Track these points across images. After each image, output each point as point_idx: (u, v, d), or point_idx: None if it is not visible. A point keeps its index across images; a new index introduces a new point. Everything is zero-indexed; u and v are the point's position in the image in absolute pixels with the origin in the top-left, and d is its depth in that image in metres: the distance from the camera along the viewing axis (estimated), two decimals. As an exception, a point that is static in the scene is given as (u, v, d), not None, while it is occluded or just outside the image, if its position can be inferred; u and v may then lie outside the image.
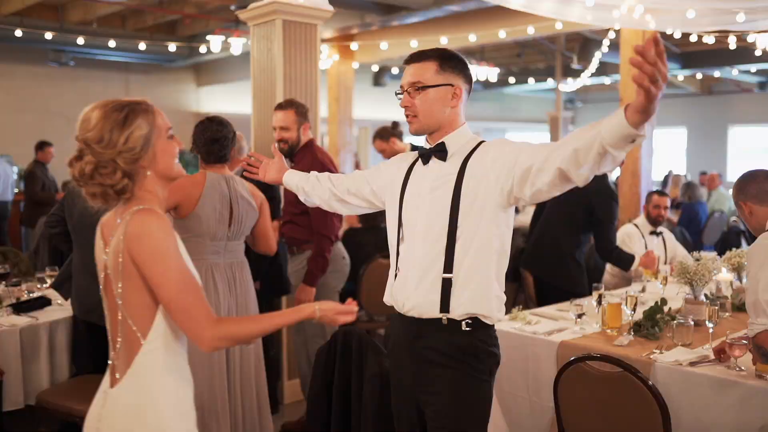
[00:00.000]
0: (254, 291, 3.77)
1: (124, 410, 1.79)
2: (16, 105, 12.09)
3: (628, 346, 3.32)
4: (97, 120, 1.77)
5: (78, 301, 3.88)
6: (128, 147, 1.78)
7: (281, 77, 4.73)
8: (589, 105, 20.91)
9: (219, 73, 13.60)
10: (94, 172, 1.79)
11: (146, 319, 1.79)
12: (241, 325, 1.84)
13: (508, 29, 8.64)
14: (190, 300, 1.74)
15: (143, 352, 1.78)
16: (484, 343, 2.30)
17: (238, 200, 3.58)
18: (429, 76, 2.29)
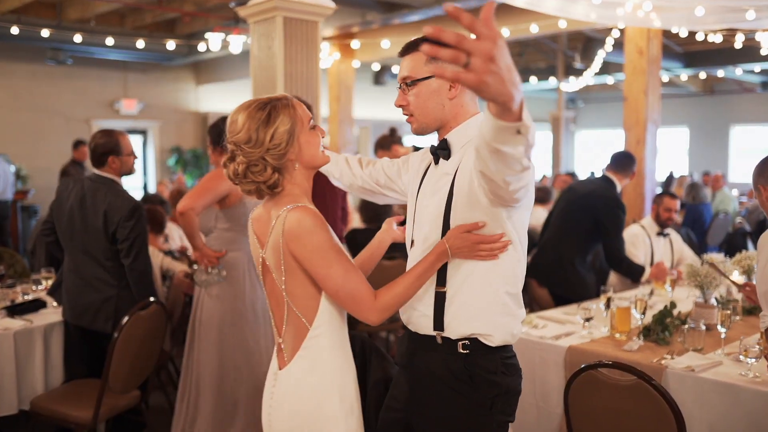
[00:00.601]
0: None
1: (293, 388, 1.93)
2: (13, 103, 11.99)
3: (637, 351, 3.24)
4: (243, 122, 1.88)
5: (68, 305, 3.81)
6: (274, 143, 1.87)
7: (282, 75, 4.65)
8: (592, 105, 20.83)
9: (218, 71, 13.51)
10: (247, 171, 1.89)
11: (311, 308, 1.92)
12: (394, 291, 1.90)
13: (510, 27, 8.55)
14: (353, 286, 1.86)
15: (310, 337, 1.92)
16: (483, 370, 1.97)
17: None
18: (418, 68, 1.98)
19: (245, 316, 3.77)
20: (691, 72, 13.93)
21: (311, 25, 4.79)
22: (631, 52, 7.36)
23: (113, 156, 3.77)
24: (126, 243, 3.66)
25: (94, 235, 3.69)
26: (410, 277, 1.92)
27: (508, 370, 2.02)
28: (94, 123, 13.03)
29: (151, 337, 3.66)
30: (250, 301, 3.77)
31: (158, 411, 4.69)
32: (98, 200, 3.70)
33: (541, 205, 7.41)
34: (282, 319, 1.96)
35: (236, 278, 3.78)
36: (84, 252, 3.73)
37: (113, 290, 3.72)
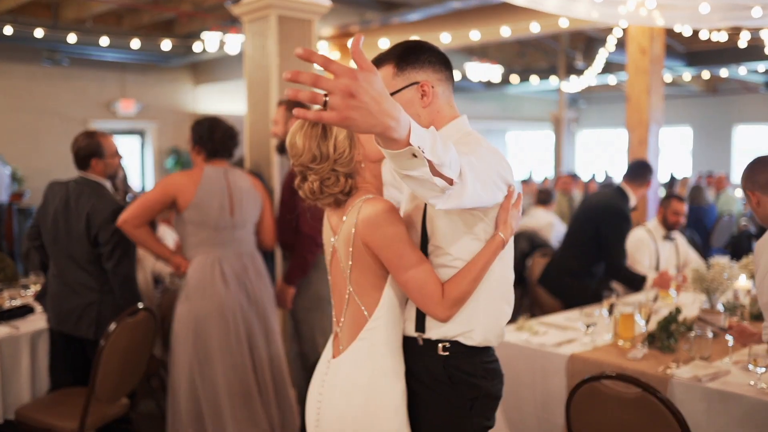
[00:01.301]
0: (269, 281, 3.89)
1: (345, 376, 1.95)
2: (9, 104, 11.88)
3: (642, 359, 3.13)
4: (302, 143, 1.93)
5: (52, 311, 3.73)
6: (339, 152, 1.92)
7: (276, 75, 4.53)
8: (594, 105, 20.71)
9: (216, 72, 13.40)
10: (322, 187, 1.95)
11: (373, 298, 1.95)
12: (458, 285, 1.88)
13: (511, 26, 8.45)
14: (424, 277, 1.87)
15: (368, 328, 1.95)
16: (462, 372, 1.93)
17: (238, 188, 3.72)
18: (387, 83, 1.89)
19: (211, 319, 3.63)
20: (694, 71, 13.81)
21: (306, 24, 4.68)
22: (634, 51, 7.24)
23: (96, 158, 3.69)
24: (108, 246, 3.58)
25: (77, 238, 3.61)
26: (476, 270, 1.88)
27: (488, 374, 1.98)
28: (91, 124, 12.92)
29: (140, 344, 3.55)
30: (218, 304, 3.64)
31: (150, 418, 4.59)
32: (81, 203, 3.62)
33: (543, 206, 7.30)
34: (342, 307, 1.99)
35: (201, 281, 3.66)
36: (68, 256, 3.64)
37: (95, 295, 3.62)
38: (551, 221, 7.10)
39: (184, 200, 3.61)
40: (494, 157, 1.80)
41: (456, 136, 1.95)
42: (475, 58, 12.80)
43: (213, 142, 3.70)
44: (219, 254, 3.66)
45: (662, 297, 4.32)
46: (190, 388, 3.67)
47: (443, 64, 1.98)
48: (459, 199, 1.55)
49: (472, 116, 2.15)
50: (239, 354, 3.67)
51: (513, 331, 3.63)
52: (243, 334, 3.69)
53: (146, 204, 3.56)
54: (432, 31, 9.19)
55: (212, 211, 3.61)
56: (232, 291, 3.64)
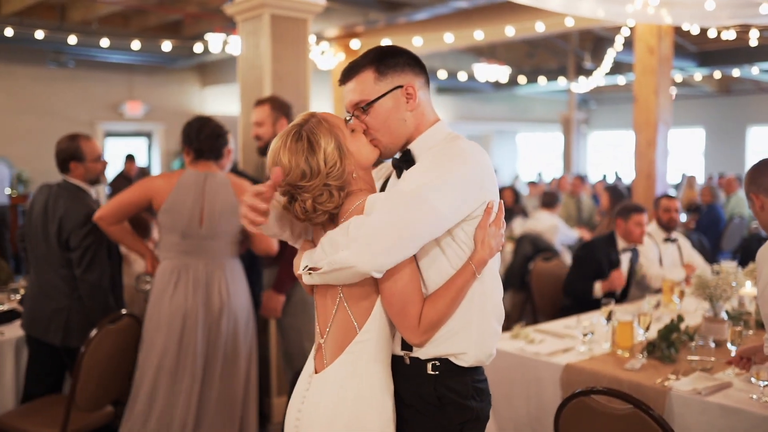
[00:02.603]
0: (240, 294, 3.66)
1: (330, 393, 1.81)
2: (15, 106, 11.89)
3: (640, 370, 3.00)
4: (288, 160, 1.78)
5: (26, 313, 3.65)
6: (330, 165, 1.78)
7: (269, 75, 4.44)
8: (604, 106, 20.52)
9: (223, 73, 13.35)
10: (315, 205, 1.80)
11: (365, 309, 1.81)
12: (432, 309, 1.79)
13: (516, 26, 8.33)
14: (409, 296, 1.76)
15: (357, 341, 1.81)
16: (453, 393, 1.83)
17: (212, 198, 3.54)
18: (369, 89, 1.86)
19: (161, 326, 3.49)
20: (705, 71, 13.62)
21: (300, 23, 4.58)
22: (641, 50, 7.11)
23: (75, 162, 3.61)
24: (78, 252, 3.48)
25: (52, 242, 3.54)
26: (449, 295, 1.79)
27: (479, 395, 1.88)
28: (98, 126, 12.92)
29: (122, 351, 3.46)
30: (169, 312, 3.47)
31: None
32: (58, 206, 3.55)
33: (548, 209, 7.16)
34: (329, 317, 1.85)
35: (160, 285, 3.52)
36: (44, 260, 3.58)
37: (66, 301, 3.53)
38: (555, 224, 6.96)
39: (158, 203, 3.50)
40: (457, 183, 1.75)
41: (436, 138, 1.90)
42: (483, 59, 12.67)
43: (198, 141, 3.56)
44: (184, 261, 3.51)
45: (666, 300, 4.18)
46: (144, 392, 3.51)
47: (421, 67, 1.94)
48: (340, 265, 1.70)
49: (481, 118, 2.08)
50: (183, 366, 3.48)
51: (508, 339, 3.51)
52: (193, 346, 3.49)
53: (122, 203, 3.48)
54: (436, 31, 9.08)
55: (182, 218, 3.48)
56: (186, 301, 3.48)
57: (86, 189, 3.67)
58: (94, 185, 3.73)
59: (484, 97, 18.13)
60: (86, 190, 3.67)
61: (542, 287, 5.21)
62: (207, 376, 3.54)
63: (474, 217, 1.81)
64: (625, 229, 4.62)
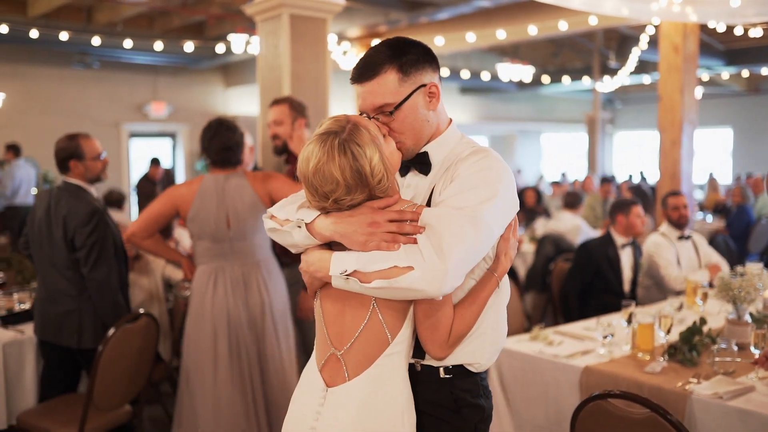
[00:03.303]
0: (279, 290, 3.73)
1: (352, 407, 1.68)
2: (42, 107, 12.06)
3: (660, 373, 2.94)
4: (340, 175, 1.62)
5: (36, 319, 3.66)
6: (378, 179, 1.65)
7: (288, 75, 4.43)
8: (630, 105, 20.31)
9: (246, 74, 13.42)
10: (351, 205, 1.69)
11: (398, 320, 1.70)
12: (461, 323, 1.74)
13: (539, 25, 8.26)
14: (448, 311, 1.70)
15: (387, 353, 1.70)
16: (467, 393, 1.80)
17: (235, 200, 3.57)
18: (394, 90, 1.75)
19: (205, 329, 3.56)
20: (733, 70, 13.42)
21: (319, 23, 4.57)
22: (666, 49, 7.00)
23: (75, 160, 3.58)
24: (83, 250, 3.47)
25: (57, 244, 3.52)
26: (473, 305, 1.75)
27: (485, 393, 1.87)
28: (123, 126, 13.06)
29: (141, 350, 3.47)
30: (210, 314, 3.55)
31: (157, 423, 4.53)
32: (60, 208, 3.52)
33: (570, 210, 7.09)
34: (356, 327, 1.70)
35: (199, 289, 3.59)
36: (50, 264, 3.56)
37: (74, 303, 3.52)
38: (578, 224, 6.89)
39: (184, 211, 3.57)
40: (504, 201, 1.71)
41: (452, 143, 1.84)
42: (506, 58, 12.60)
43: (208, 153, 3.62)
44: (220, 264, 3.58)
45: (688, 306, 4.11)
46: (192, 395, 3.58)
47: (436, 60, 1.84)
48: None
49: (505, 118, 2.04)
50: (228, 366, 3.56)
51: (527, 341, 3.47)
52: (234, 346, 3.57)
53: (150, 216, 3.57)
54: (458, 30, 9.05)
55: (209, 224, 3.54)
56: (227, 299, 3.55)
57: (87, 188, 3.63)
58: (95, 184, 3.69)
59: (507, 97, 18.03)
60: (87, 189, 3.63)
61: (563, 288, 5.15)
62: (258, 374, 3.61)
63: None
64: (627, 223, 4.70)
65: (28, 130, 11.76)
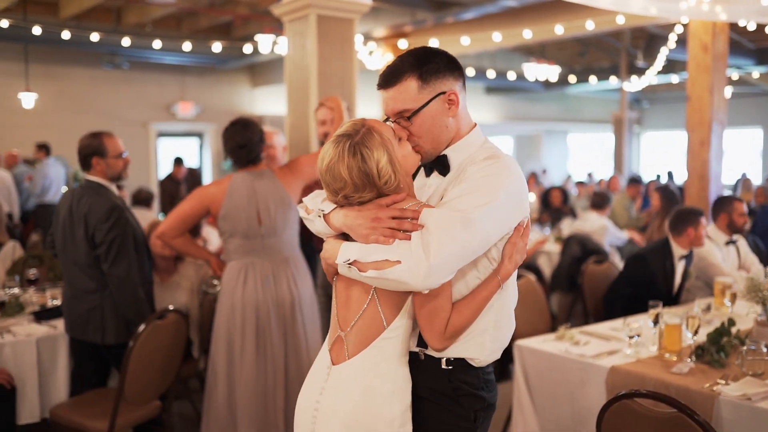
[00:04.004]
0: (308, 285, 3.80)
1: (350, 384, 1.83)
2: (72, 107, 12.26)
3: (688, 374, 2.93)
4: (347, 175, 1.78)
5: (64, 315, 3.73)
6: (385, 180, 1.79)
7: (315, 75, 4.47)
8: (657, 105, 20.10)
9: (273, 74, 13.51)
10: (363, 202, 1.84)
11: (395, 306, 1.83)
12: (458, 318, 1.82)
13: (565, 24, 8.22)
14: (442, 304, 1.79)
15: (383, 337, 1.83)
16: (466, 384, 1.90)
17: (265, 196, 3.64)
18: (413, 97, 1.85)
19: (235, 323, 3.62)
20: (763, 69, 13.23)
21: (346, 23, 4.61)
22: (695, 48, 6.92)
23: (97, 157, 3.64)
24: (103, 247, 3.52)
25: (79, 242, 3.58)
26: (474, 302, 1.84)
27: (488, 385, 1.95)
28: (151, 126, 13.22)
29: (170, 346, 3.53)
30: (241, 308, 3.60)
31: (185, 419, 4.59)
32: (81, 205, 3.58)
33: (598, 210, 7.04)
34: (356, 312, 1.86)
35: (229, 284, 3.64)
36: (74, 262, 3.62)
37: (97, 300, 3.58)
38: (605, 225, 6.84)
39: (215, 211, 3.63)
40: (504, 206, 1.79)
41: (472, 149, 1.92)
42: (533, 58, 12.55)
43: (227, 153, 3.71)
44: (251, 260, 3.64)
45: (716, 307, 4.08)
46: (219, 389, 3.64)
47: (459, 69, 1.93)
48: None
49: (531, 118, 2.07)
50: (254, 361, 3.62)
51: (552, 340, 3.47)
52: (261, 341, 3.63)
53: (180, 215, 3.62)
54: (485, 30, 9.04)
55: (240, 221, 3.60)
56: (256, 295, 3.61)
57: (107, 185, 3.68)
58: (116, 182, 3.75)
59: (533, 97, 17.95)
60: (108, 186, 3.68)
61: (594, 290, 5.12)
62: (282, 369, 3.66)
63: (508, 235, 1.86)
64: (695, 235, 4.38)
65: (59, 129, 11.96)
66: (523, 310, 3.78)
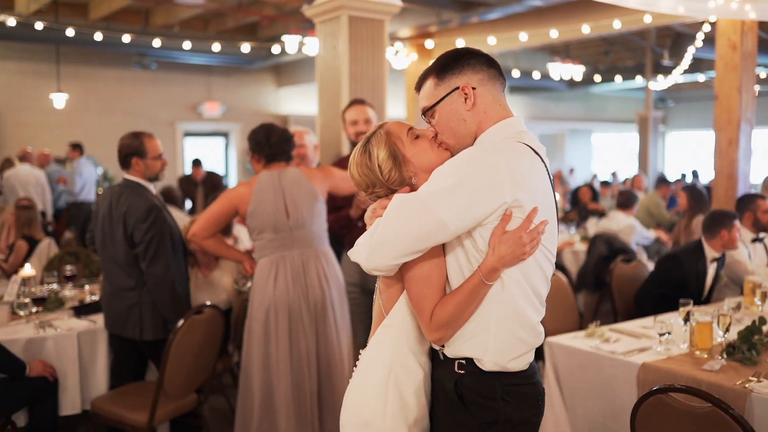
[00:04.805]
0: (338, 278, 3.86)
1: (362, 369, 1.96)
2: (101, 107, 12.45)
3: (719, 371, 2.95)
4: (357, 173, 1.95)
5: (104, 312, 3.83)
6: (385, 173, 1.90)
7: (346, 75, 4.54)
8: (683, 104, 19.93)
9: (298, 74, 13.61)
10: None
11: (391, 298, 1.93)
12: (443, 309, 1.82)
13: (592, 24, 8.21)
14: (424, 293, 1.83)
15: (384, 325, 1.94)
16: (474, 393, 1.83)
17: (292, 190, 3.70)
18: (431, 95, 1.94)
19: (269, 318, 3.66)
20: (791, 68, 13.08)
21: (377, 24, 4.67)
22: (723, 47, 6.90)
23: (137, 158, 3.73)
24: (142, 246, 3.60)
25: (118, 241, 3.66)
26: (458, 297, 1.81)
27: (512, 398, 1.84)
28: (177, 126, 13.38)
29: (207, 341, 3.62)
30: (273, 303, 3.65)
31: (219, 414, 4.68)
32: (120, 205, 3.67)
33: (623, 210, 7.03)
34: (382, 303, 1.99)
35: (261, 281, 3.70)
36: (113, 260, 3.71)
37: (135, 297, 3.67)
38: (632, 224, 6.84)
39: (243, 210, 3.68)
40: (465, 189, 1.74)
41: (500, 136, 1.89)
42: (557, 57, 12.52)
43: (270, 146, 3.71)
44: (281, 254, 3.69)
45: (746, 306, 4.08)
46: (255, 386, 3.70)
47: (485, 63, 1.94)
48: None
49: (555, 117, 2.11)
50: (287, 356, 3.67)
51: (583, 337, 3.51)
52: (294, 337, 3.68)
53: (211, 217, 3.67)
54: (510, 30, 9.05)
55: (268, 216, 3.65)
56: (288, 290, 3.66)
57: (146, 185, 3.76)
58: (153, 182, 3.83)
59: (557, 96, 17.90)
60: (146, 186, 3.76)
61: (622, 289, 5.13)
62: (315, 363, 3.71)
63: (491, 223, 1.78)
64: (729, 238, 4.36)
65: (88, 129, 12.16)
66: (551, 308, 3.78)
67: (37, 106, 11.78)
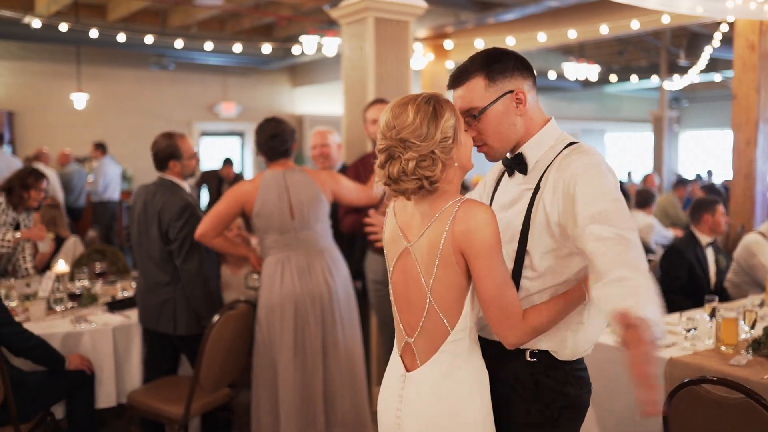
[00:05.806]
0: (343, 277, 3.87)
1: (427, 389, 1.84)
2: (120, 107, 12.58)
3: (745, 366, 3.01)
4: (413, 115, 1.79)
5: (139, 308, 3.92)
6: (444, 137, 1.79)
7: (372, 76, 4.62)
8: (697, 104, 19.89)
9: (314, 74, 13.70)
10: (416, 168, 1.78)
11: (454, 310, 1.82)
12: (540, 316, 1.81)
13: (610, 24, 8.25)
14: (511, 294, 1.78)
15: (450, 340, 1.83)
16: (550, 379, 1.89)
17: (296, 190, 3.71)
18: (480, 96, 1.90)
19: (273, 317, 3.70)
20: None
21: (402, 26, 4.74)
22: (741, 47, 6.93)
23: (174, 160, 3.83)
24: (176, 243, 3.68)
25: (153, 237, 3.75)
26: (558, 308, 1.83)
27: (577, 383, 1.93)
28: (195, 126, 13.50)
29: (241, 335, 3.70)
30: (278, 301, 3.69)
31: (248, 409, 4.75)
32: (156, 202, 3.76)
33: (642, 209, 7.08)
34: (418, 318, 1.85)
35: (267, 279, 3.73)
36: (148, 257, 3.80)
37: (170, 292, 3.75)
38: (651, 223, 6.89)
39: (249, 208, 3.70)
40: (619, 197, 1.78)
41: (548, 142, 1.94)
42: (571, 57, 12.55)
43: (259, 146, 3.79)
44: (286, 254, 3.71)
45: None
46: (264, 383, 3.75)
47: (528, 69, 1.96)
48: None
49: (569, 117, 2.15)
50: (292, 353, 3.70)
51: (609, 332, 3.56)
52: (300, 334, 3.71)
53: (218, 216, 3.68)
54: (528, 30, 9.10)
55: (273, 216, 3.66)
56: (294, 290, 3.67)
57: (180, 184, 3.87)
58: (187, 179, 3.95)
59: (571, 96, 17.90)
60: (180, 184, 3.86)
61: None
62: (321, 361, 3.74)
63: None
64: (713, 222, 4.72)
65: (107, 128, 12.28)
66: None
67: (58, 106, 11.92)
